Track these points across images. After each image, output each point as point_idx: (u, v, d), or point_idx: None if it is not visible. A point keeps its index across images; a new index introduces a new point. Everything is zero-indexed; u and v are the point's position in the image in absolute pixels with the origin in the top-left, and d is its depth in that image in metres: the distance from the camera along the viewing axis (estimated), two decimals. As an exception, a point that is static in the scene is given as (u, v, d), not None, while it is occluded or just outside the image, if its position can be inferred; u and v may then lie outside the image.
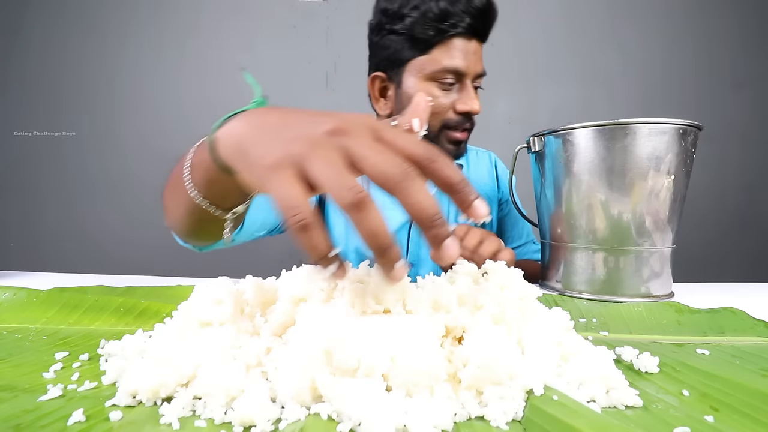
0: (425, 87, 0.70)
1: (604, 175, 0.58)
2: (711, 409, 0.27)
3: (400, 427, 0.24)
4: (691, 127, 0.58)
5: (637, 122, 0.56)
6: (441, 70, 0.68)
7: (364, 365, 0.26)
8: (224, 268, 1.70)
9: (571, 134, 0.59)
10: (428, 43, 0.68)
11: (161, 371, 0.28)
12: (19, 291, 0.50)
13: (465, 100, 0.70)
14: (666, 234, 0.60)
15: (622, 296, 0.59)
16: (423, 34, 0.67)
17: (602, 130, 0.57)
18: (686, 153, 0.58)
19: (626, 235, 0.59)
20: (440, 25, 0.66)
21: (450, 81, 0.69)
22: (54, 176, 1.54)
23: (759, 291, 0.67)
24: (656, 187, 0.57)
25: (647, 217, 0.58)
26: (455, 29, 0.66)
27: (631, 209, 0.58)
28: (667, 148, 0.57)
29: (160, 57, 1.53)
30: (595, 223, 0.60)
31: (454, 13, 0.65)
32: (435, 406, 0.25)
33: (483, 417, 0.26)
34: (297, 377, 0.26)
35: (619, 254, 0.59)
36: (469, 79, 0.70)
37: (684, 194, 0.61)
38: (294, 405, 0.26)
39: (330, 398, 0.26)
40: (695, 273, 1.54)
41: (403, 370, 0.27)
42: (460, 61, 0.68)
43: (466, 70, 0.69)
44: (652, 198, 0.58)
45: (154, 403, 0.27)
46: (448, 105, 0.71)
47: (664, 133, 0.57)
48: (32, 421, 0.24)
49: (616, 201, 0.58)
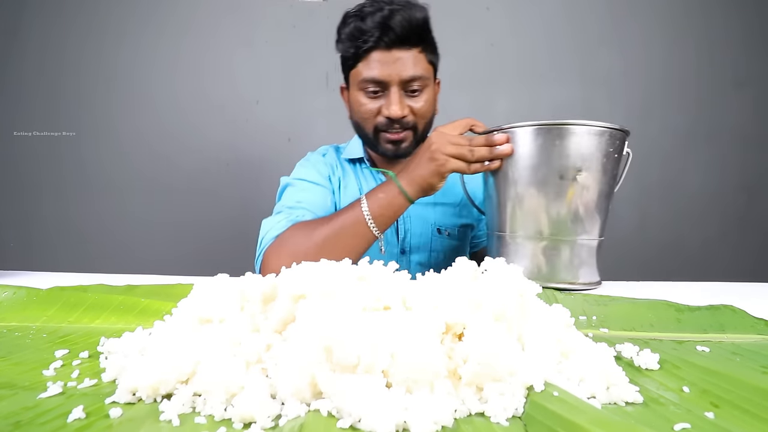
0: (356, 95, 0.79)
1: (539, 171, 0.63)
2: (711, 406, 0.27)
3: (400, 423, 0.24)
4: (617, 131, 0.63)
5: (569, 123, 0.61)
6: (362, 81, 0.77)
7: (364, 362, 0.26)
8: (224, 267, 1.68)
9: (512, 132, 0.65)
10: (355, 58, 0.77)
11: (161, 368, 0.28)
12: (19, 290, 0.50)
13: (387, 106, 0.77)
14: (593, 227, 0.65)
15: (557, 283, 0.64)
16: (346, 51, 0.78)
17: (539, 130, 0.63)
18: (610, 154, 0.63)
19: (559, 227, 0.64)
20: (356, 42, 0.75)
21: (373, 89, 0.77)
22: (54, 176, 1.54)
23: (759, 291, 0.67)
24: (581, 183, 0.63)
25: (573, 210, 0.63)
26: (367, 44, 0.74)
27: (559, 203, 0.63)
28: (594, 149, 0.62)
29: (159, 57, 1.53)
30: (530, 215, 0.65)
31: (365, 30, 0.73)
32: (435, 402, 0.25)
33: (483, 413, 0.26)
34: (297, 374, 0.26)
35: (554, 244, 0.64)
36: (394, 86, 0.76)
37: (606, 192, 0.66)
38: (294, 401, 0.26)
39: (330, 395, 0.26)
40: (695, 273, 1.54)
41: (403, 366, 0.27)
42: (377, 71, 0.75)
43: (386, 78, 0.75)
44: (577, 193, 0.63)
45: (154, 400, 0.27)
46: (374, 111, 0.79)
47: (587, 135, 0.61)
48: (32, 419, 0.24)
49: (547, 195, 0.63)
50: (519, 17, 1.54)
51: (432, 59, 0.80)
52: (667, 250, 1.57)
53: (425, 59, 0.78)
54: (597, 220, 0.66)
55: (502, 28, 1.54)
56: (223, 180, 1.54)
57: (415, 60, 0.76)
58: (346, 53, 0.78)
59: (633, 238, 1.54)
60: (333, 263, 0.35)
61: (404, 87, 0.77)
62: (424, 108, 0.79)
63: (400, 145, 0.81)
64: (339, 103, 0.91)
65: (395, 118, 0.77)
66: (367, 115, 0.79)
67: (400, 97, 0.76)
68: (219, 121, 1.53)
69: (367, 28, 0.73)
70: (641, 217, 1.55)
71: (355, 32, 0.74)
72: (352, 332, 0.27)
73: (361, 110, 0.79)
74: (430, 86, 0.80)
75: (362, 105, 0.79)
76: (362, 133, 0.84)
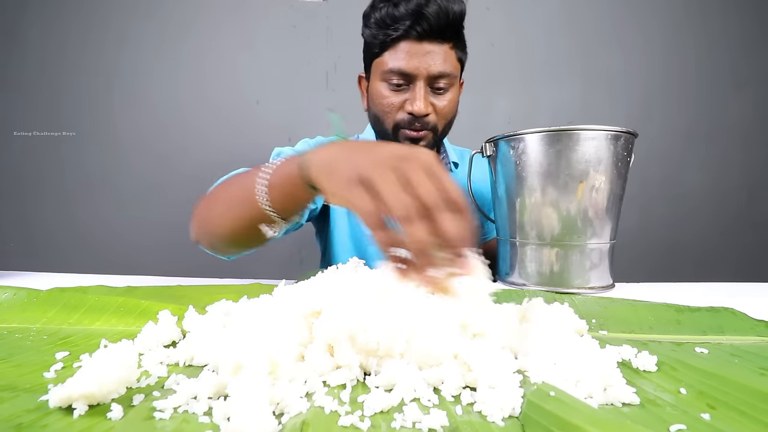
0: (378, 87, 0.75)
1: (548, 177, 0.63)
2: (708, 407, 0.27)
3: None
4: (624, 133, 0.63)
5: (576, 129, 0.61)
6: (387, 72, 0.72)
7: (384, 346, 0.31)
8: (224, 267, 1.71)
9: (520, 140, 0.64)
10: (381, 46, 0.72)
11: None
12: (19, 291, 0.50)
13: (411, 101, 0.72)
14: (604, 230, 0.65)
15: (569, 287, 0.64)
16: (374, 38, 0.72)
17: (546, 136, 0.62)
18: (620, 156, 0.63)
19: (569, 231, 0.63)
20: (386, 30, 0.70)
21: (397, 82, 0.72)
22: (54, 176, 1.54)
23: (759, 291, 0.67)
24: (593, 188, 0.62)
25: (586, 215, 0.63)
26: (397, 32, 0.69)
27: (571, 208, 0.63)
28: (602, 153, 0.62)
29: (160, 57, 1.53)
30: (542, 220, 0.64)
31: (398, 17, 0.69)
32: (443, 370, 0.30)
33: (481, 413, 0.26)
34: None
35: (565, 249, 0.64)
36: (420, 80, 0.71)
37: (619, 194, 0.65)
38: (297, 399, 0.27)
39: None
40: (696, 273, 1.54)
41: (417, 351, 0.31)
42: (405, 62, 0.70)
43: (413, 71, 0.71)
44: (590, 197, 0.63)
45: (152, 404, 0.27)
46: (397, 105, 0.74)
47: (599, 139, 0.61)
48: (33, 421, 0.25)
49: (558, 200, 0.63)
50: (519, 17, 1.54)
51: (461, 57, 0.76)
52: (668, 250, 1.57)
53: (455, 56, 0.74)
54: (608, 224, 0.65)
55: (502, 28, 1.54)
56: (223, 180, 1.54)
57: (446, 56, 0.71)
58: (373, 39, 0.73)
59: (633, 238, 1.54)
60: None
61: (430, 83, 0.72)
62: (448, 108, 0.75)
63: (418, 144, 0.76)
64: (339, 103, 0.91)
65: (419, 114, 0.72)
66: (389, 109, 0.74)
67: (426, 93, 0.72)
68: (219, 121, 1.53)
69: (399, 15, 0.68)
70: (641, 218, 1.55)
71: (386, 18, 0.69)
72: (372, 322, 0.31)
73: (383, 102, 0.74)
74: (455, 86, 0.76)
75: (384, 97, 0.74)
76: (380, 128, 0.78)
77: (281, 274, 0.71)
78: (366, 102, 0.82)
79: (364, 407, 0.26)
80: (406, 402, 0.27)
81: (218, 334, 0.34)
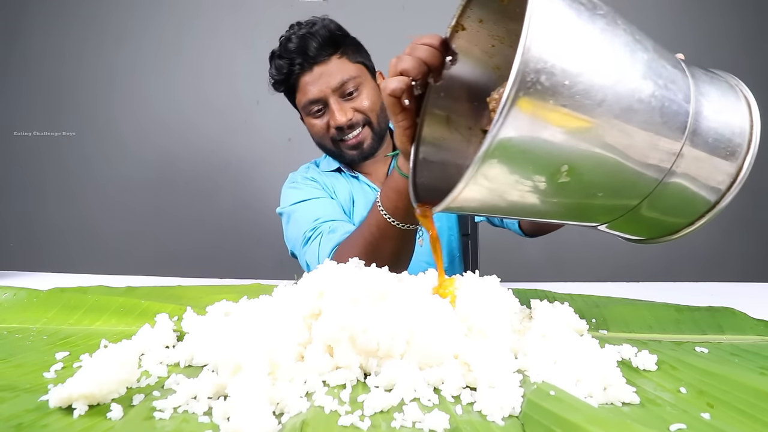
0: (308, 121, 0.84)
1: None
2: (707, 406, 0.27)
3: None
4: None
5: None
6: (305, 106, 0.82)
7: (384, 347, 0.31)
8: (224, 267, 1.70)
9: None
10: (290, 91, 0.84)
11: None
12: (20, 291, 0.50)
13: (331, 117, 0.81)
14: None
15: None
16: (279, 89, 0.84)
17: None
18: None
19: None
20: (284, 77, 0.81)
21: (315, 109, 0.81)
22: (54, 176, 1.55)
23: (759, 291, 0.67)
24: None
25: None
26: (292, 75, 0.80)
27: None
28: None
29: (160, 56, 1.53)
30: None
31: (283, 65, 0.79)
32: (444, 371, 0.30)
33: (481, 412, 0.26)
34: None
35: None
36: (330, 98, 0.79)
37: None
38: (296, 399, 0.27)
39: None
40: (696, 273, 1.54)
41: (417, 351, 0.31)
42: (310, 93, 0.80)
43: (320, 96, 0.79)
44: None
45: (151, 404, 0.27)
46: (324, 127, 0.83)
47: None
48: (33, 421, 0.25)
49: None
50: (518, 17, 1.54)
51: (358, 58, 0.83)
52: (669, 251, 1.56)
53: (348, 61, 0.81)
54: None
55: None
56: (223, 180, 1.55)
57: (338, 66, 0.79)
58: (281, 89, 0.85)
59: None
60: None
61: (340, 94, 0.80)
62: (368, 102, 0.82)
63: (362, 147, 0.83)
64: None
65: (342, 125, 0.79)
66: (321, 133, 0.84)
67: (340, 105, 0.80)
68: (219, 121, 1.53)
69: (283, 63, 0.79)
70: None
71: (280, 70, 0.81)
72: (372, 324, 0.32)
73: (315, 131, 0.84)
74: (366, 82, 0.83)
75: (313, 126, 0.84)
76: (326, 150, 0.88)
77: (281, 274, 0.71)
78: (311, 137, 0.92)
79: (364, 407, 0.26)
80: (406, 402, 0.27)
81: (218, 334, 0.34)
